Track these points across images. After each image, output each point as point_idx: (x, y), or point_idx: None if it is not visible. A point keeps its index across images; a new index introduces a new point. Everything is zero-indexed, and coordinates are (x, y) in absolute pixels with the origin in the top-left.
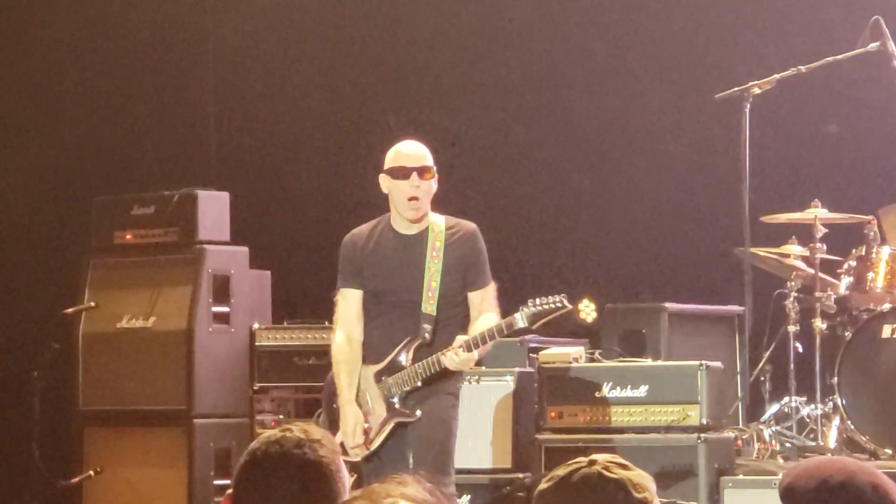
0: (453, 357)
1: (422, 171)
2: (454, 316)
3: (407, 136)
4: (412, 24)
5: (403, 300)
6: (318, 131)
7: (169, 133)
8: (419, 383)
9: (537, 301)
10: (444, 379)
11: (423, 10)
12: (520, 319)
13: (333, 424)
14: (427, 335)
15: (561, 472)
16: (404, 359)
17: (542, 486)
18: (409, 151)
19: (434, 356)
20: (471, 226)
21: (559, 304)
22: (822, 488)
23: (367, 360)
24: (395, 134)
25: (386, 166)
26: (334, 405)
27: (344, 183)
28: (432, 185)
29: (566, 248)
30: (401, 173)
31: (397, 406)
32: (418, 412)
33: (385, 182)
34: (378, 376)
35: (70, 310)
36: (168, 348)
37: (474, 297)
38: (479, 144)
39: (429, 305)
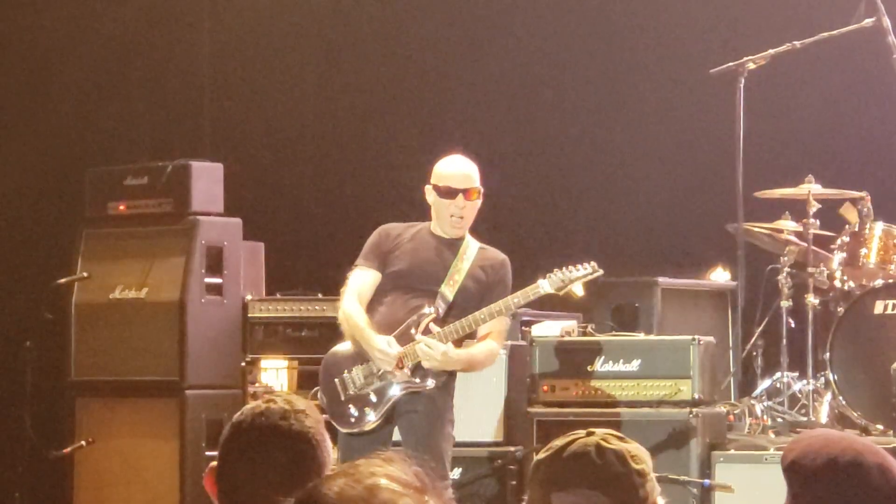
0: (424, 347)
1: (468, 193)
2: (467, 312)
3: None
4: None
5: (425, 286)
6: (312, 103)
7: (163, 104)
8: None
9: (563, 270)
10: (448, 376)
11: None
12: (546, 285)
13: (333, 401)
14: (440, 311)
15: (559, 442)
16: (415, 332)
17: (541, 455)
18: (457, 172)
19: (465, 318)
20: (502, 254)
21: (589, 271)
22: (830, 466)
23: (379, 332)
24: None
25: (433, 181)
26: (335, 378)
27: (338, 155)
28: (477, 203)
29: (560, 222)
30: (447, 193)
31: (409, 375)
32: (430, 381)
33: (430, 195)
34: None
35: (63, 280)
36: (160, 319)
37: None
38: (470, 122)
39: (448, 289)
